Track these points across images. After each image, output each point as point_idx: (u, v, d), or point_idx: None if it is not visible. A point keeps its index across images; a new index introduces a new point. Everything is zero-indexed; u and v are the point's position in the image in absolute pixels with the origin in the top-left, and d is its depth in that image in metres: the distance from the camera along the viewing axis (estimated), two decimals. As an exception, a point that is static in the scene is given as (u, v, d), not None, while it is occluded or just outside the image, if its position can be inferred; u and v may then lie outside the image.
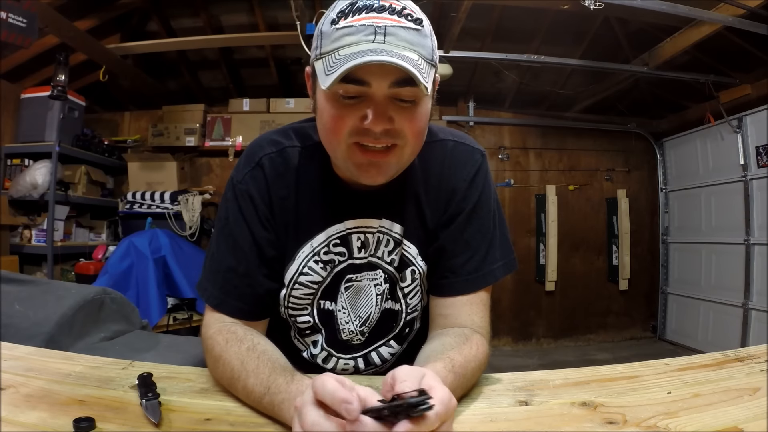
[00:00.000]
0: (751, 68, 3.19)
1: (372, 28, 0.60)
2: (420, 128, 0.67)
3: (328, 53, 0.62)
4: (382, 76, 0.61)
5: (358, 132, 0.64)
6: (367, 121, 0.62)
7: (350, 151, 0.66)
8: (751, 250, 3.28)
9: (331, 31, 0.63)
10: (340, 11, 0.63)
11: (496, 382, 0.68)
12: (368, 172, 0.67)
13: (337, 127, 0.65)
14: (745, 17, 2.46)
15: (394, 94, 0.62)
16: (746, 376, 0.67)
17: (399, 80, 0.61)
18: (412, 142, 0.67)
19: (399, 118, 0.64)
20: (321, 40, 0.64)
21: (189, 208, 3.33)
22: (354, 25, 0.61)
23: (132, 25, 3.29)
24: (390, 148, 0.66)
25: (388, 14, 0.61)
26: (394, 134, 0.64)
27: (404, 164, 0.70)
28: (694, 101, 3.78)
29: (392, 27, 0.61)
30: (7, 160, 3.14)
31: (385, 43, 0.60)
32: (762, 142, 3.19)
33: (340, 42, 0.61)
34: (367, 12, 0.61)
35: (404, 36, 0.61)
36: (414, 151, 0.69)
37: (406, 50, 0.60)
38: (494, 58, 3.24)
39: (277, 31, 3.25)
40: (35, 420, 0.52)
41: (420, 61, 0.61)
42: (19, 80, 3.19)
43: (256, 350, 0.63)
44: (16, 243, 2.99)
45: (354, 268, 0.79)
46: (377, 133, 0.63)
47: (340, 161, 0.69)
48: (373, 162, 0.66)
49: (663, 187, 4.26)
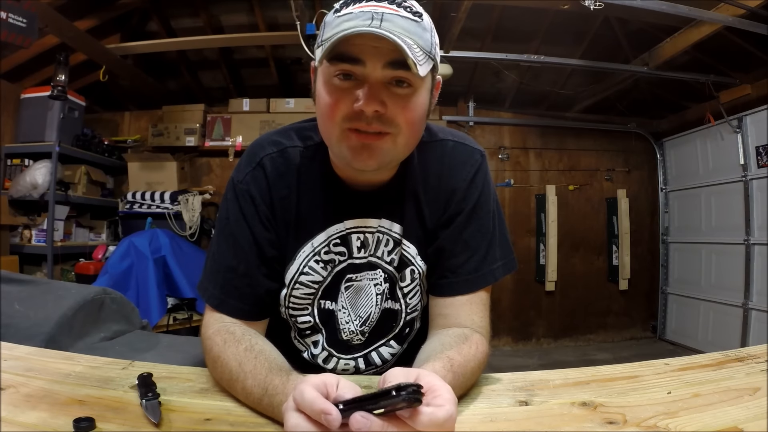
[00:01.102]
0: (751, 68, 3.19)
1: (369, 13, 0.61)
2: (414, 118, 0.67)
3: (327, 39, 0.63)
4: (377, 56, 0.62)
5: (351, 117, 0.64)
6: (359, 103, 0.63)
7: (344, 136, 0.66)
8: (751, 250, 3.28)
9: (332, 19, 0.64)
10: (343, 2, 0.65)
11: (496, 382, 0.68)
12: (360, 155, 0.66)
13: (332, 112, 0.65)
14: (745, 17, 2.46)
15: (389, 76, 0.63)
16: (746, 376, 0.67)
17: (393, 61, 0.62)
18: (406, 132, 0.67)
19: (392, 104, 0.64)
20: (324, 30, 0.66)
21: (189, 208, 3.33)
22: (353, 12, 0.62)
23: (132, 25, 3.29)
24: (382, 135, 0.66)
25: (388, 3, 0.63)
26: (386, 121, 0.65)
27: (398, 154, 0.70)
28: (694, 101, 3.78)
29: (390, 14, 0.62)
30: (7, 160, 3.14)
31: (381, 27, 0.61)
32: (762, 142, 3.19)
33: (339, 27, 0.62)
34: (368, 1, 0.63)
35: (401, 23, 0.62)
36: (408, 142, 0.69)
37: (402, 35, 0.61)
38: (494, 58, 3.24)
39: (277, 31, 3.25)
40: (35, 420, 0.52)
41: (416, 47, 0.62)
42: (19, 80, 3.19)
43: (253, 350, 0.63)
44: (16, 243, 2.99)
45: (354, 268, 0.79)
46: (369, 117, 0.63)
47: (335, 147, 0.69)
48: (365, 144, 0.66)
49: (663, 187, 4.26)
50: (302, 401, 0.44)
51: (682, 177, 4.05)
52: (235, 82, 3.91)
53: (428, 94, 0.69)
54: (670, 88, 3.70)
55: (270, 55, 3.54)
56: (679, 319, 4.03)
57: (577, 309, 4.16)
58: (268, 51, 3.50)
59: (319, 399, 0.43)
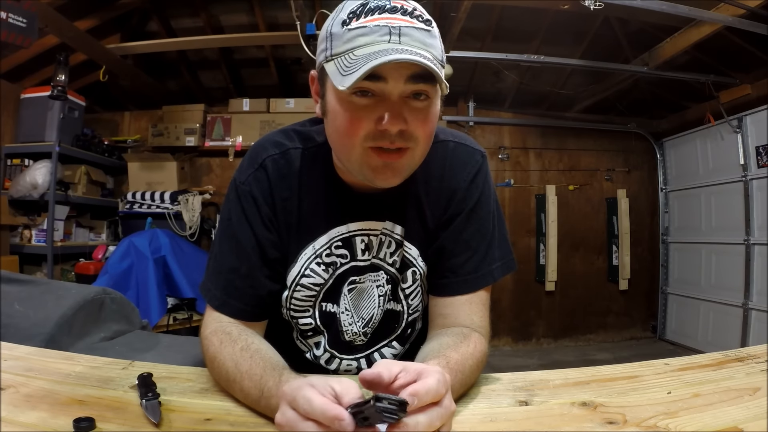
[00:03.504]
0: (751, 68, 3.19)
1: (387, 28, 0.60)
2: (431, 130, 0.67)
3: (341, 54, 0.62)
4: (399, 72, 0.61)
5: (374, 136, 0.63)
6: (384, 122, 0.62)
7: (366, 155, 0.65)
8: (751, 250, 3.28)
9: (343, 32, 0.62)
10: (351, 12, 0.62)
11: (496, 382, 0.68)
12: (383, 174, 0.66)
13: (353, 130, 0.64)
14: (745, 17, 2.46)
15: (411, 90, 0.62)
16: (746, 376, 0.67)
17: (415, 74, 0.61)
18: (423, 144, 0.67)
19: (412, 120, 0.63)
20: (331, 42, 0.64)
21: (189, 208, 3.33)
22: (368, 26, 0.61)
23: (132, 25, 3.29)
24: (402, 151, 0.65)
25: (401, 15, 0.61)
26: (407, 137, 0.64)
27: (415, 166, 0.70)
28: (694, 101, 3.78)
29: (406, 28, 0.61)
30: (7, 160, 3.14)
31: (401, 43, 0.60)
32: (762, 142, 3.19)
33: (355, 42, 0.61)
34: (380, 13, 0.61)
35: (418, 36, 0.61)
36: (424, 153, 0.69)
37: (420, 50, 0.61)
38: (494, 58, 3.24)
39: (277, 31, 3.25)
40: (35, 420, 0.52)
41: (433, 60, 0.61)
42: (19, 80, 3.19)
43: (249, 350, 0.63)
44: (16, 243, 2.99)
45: (357, 270, 0.79)
46: (393, 135, 0.63)
47: (355, 165, 0.68)
48: (388, 164, 0.65)
49: (663, 187, 4.26)
50: (311, 408, 0.43)
51: (682, 177, 4.05)
52: (235, 82, 3.91)
53: (440, 101, 0.69)
54: (670, 88, 3.70)
55: (270, 55, 3.54)
56: (679, 319, 4.03)
57: (577, 309, 4.16)
58: (268, 51, 3.50)
59: (330, 405, 0.43)
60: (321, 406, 0.43)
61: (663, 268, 4.21)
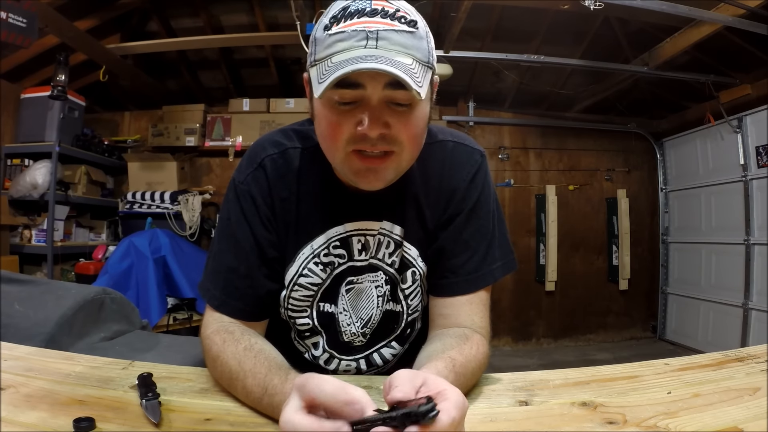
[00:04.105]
0: (751, 68, 3.19)
1: (364, 33, 0.60)
2: (416, 133, 0.67)
3: (321, 60, 0.62)
4: (377, 78, 0.60)
5: (355, 139, 0.64)
6: (363, 126, 0.61)
7: (348, 159, 0.66)
8: (751, 250, 3.28)
9: (324, 37, 0.62)
10: (333, 17, 0.62)
11: (496, 382, 0.68)
12: (366, 177, 0.67)
13: (335, 134, 0.64)
14: (745, 17, 2.46)
15: (389, 97, 0.62)
16: (746, 376, 0.67)
17: (393, 81, 0.60)
18: (409, 148, 0.67)
19: (395, 123, 0.63)
20: (315, 47, 0.64)
21: (189, 208, 3.33)
22: (346, 31, 0.60)
23: (132, 25, 3.29)
24: (387, 155, 0.65)
25: (381, 18, 0.61)
26: (390, 140, 0.64)
27: (402, 170, 0.70)
28: (694, 101, 3.78)
29: (384, 31, 0.60)
30: (7, 160, 3.14)
31: (378, 48, 0.59)
32: (762, 142, 3.19)
33: (333, 48, 0.61)
34: (359, 17, 0.61)
35: (397, 39, 0.60)
36: (412, 156, 0.69)
37: (399, 54, 0.60)
38: (494, 58, 3.24)
39: (277, 31, 3.25)
40: (35, 420, 0.52)
41: (414, 64, 0.61)
42: (19, 80, 3.19)
43: (253, 350, 0.63)
44: (16, 243, 2.99)
45: (354, 271, 0.79)
46: (374, 138, 0.62)
47: (339, 167, 0.69)
48: (371, 168, 0.66)
49: (663, 187, 4.26)
50: (322, 393, 0.41)
51: (682, 177, 4.05)
52: (235, 82, 3.91)
53: (428, 102, 0.68)
54: (670, 88, 3.70)
55: (270, 55, 3.54)
56: (679, 319, 4.03)
57: (577, 309, 4.16)
58: (268, 51, 3.50)
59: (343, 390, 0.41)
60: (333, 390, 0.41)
61: (663, 268, 4.21)
